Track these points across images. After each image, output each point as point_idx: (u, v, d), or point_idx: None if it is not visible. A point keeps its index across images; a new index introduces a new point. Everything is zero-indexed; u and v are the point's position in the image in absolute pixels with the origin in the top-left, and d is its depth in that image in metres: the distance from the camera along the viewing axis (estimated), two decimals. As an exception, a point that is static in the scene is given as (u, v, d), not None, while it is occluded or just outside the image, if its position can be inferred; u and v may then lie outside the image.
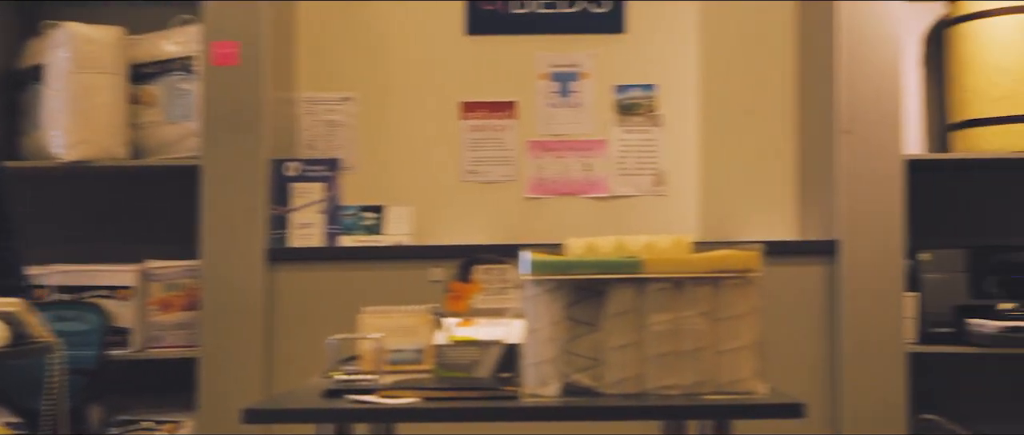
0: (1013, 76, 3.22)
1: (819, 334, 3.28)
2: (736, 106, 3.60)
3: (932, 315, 3.23)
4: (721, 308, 1.91)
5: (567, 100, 3.61)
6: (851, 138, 3.21)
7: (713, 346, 1.91)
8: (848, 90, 3.21)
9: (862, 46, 3.21)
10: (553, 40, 3.61)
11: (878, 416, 3.18)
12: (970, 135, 3.31)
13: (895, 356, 3.18)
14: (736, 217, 3.59)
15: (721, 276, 1.90)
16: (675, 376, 1.91)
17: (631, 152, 3.60)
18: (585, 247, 1.99)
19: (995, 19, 3.24)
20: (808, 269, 3.30)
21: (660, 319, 1.90)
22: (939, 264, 3.27)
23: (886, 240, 3.20)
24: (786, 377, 3.24)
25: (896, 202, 3.20)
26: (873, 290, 3.20)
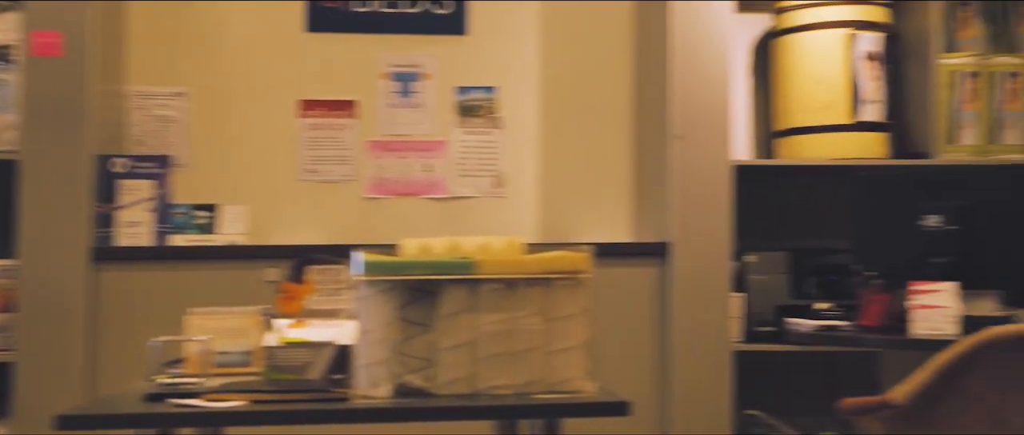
0: (832, 87, 3.38)
1: (651, 333, 3.38)
2: (574, 109, 3.67)
3: (756, 315, 3.36)
4: (552, 309, 1.95)
5: (408, 100, 3.60)
6: (683, 143, 3.31)
7: (544, 346, 1.94)
8: (681, 97, 3.31)
9: (694, 55, 3.32)
10: (395, 40, 3.60)
11: (705, 412, 3.29)
12: (793, 143, 3.46)
13: (722, 354, 3.30)
14: (573, 219, 3.66)
15: (553, 277, 1.93)
16: (507, 376, 1.93)
17: (471, 153, 3.62)
18: (419, 248, 1.99)
19: (816, 33, 3.40)
20: (641, 270, 3.39)
21: (493, 320, 1.92)
22: (763, 266, 3.41)
23: (715, 243, 3.31)
24: (618, 375, 3.32)
25: (724, 206, 3.31)
26: (702, 291, 3.31)
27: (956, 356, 1.84)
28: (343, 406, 1.81)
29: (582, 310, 1.95)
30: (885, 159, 3.40)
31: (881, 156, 3.41)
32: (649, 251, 3.39)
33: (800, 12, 3.44)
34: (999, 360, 1.83)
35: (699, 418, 3.29)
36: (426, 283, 1.89)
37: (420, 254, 1.98)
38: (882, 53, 3.40)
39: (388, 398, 1.85)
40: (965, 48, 3.46)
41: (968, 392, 1.86)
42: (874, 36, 3.39)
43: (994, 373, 1.84)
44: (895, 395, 1.94)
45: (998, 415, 1.86)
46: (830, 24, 3.38)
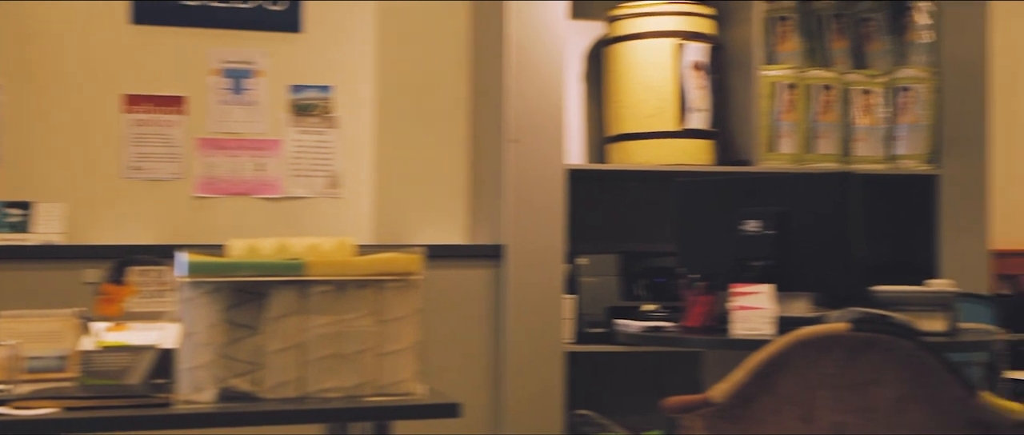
0: (661, 95, 3.49)
1: (485, 335, 3.40)
2: (411, 110, 3.66)
3: (587, 316, 3.43)
4: (383, 310, 1.93)
5: (240, 98, 3.51)
6: (518, 147, 3.35)
7: (375, 348, 1.93)
8: (517, 101, 3.35)
9: (530, 60, 3.36)
10: (226, 35, 3.50)
11: (537, 413, 3.34)
12: (624, 148, 3.55)
13: (554, 355, 3.35)
14: (408, 221, 3.65)
15: (384, 279, 1.92)
16: (337, 379, 1.91)
17: (306, 153, 3.56)
18: (246, 249, 1.94)
19: (646, 41, 3.50)
20: (475, 272, 3.41)
21: (322, 322, 1.89)
22: (595, 268, 3.48)
23: (548, 245, 3.36)
24: (452, 377, 3.33)
25: (558, 209, 3.37)
26: (535, 293, 3.35)
27: (769, 356, 1.93)
28: (163, 412, 1.75)
29: (413, 312, 1.95)
30: (710, 165, 3.53)
31: (706, 162, 3.53)
32: (484, 253, 3.41)
33: (631, 21, 3.53)
34: (809, 360, 1.92)
35: (531, 419, 3.33)
36: (253, 285, 1.85)
37: (247, 255, 1.93)
38: (708, 63, 3.52)
39: (212, 403, 1.80)
40: (784, 61, 3.63)
41: (781, 391, 1.95)
42: (700, 46, 3.51)
43: (804, 372, 1.93)
44: (714, 394, 2.01)
45: (809, 412, 1.95)
46: (659, 34, 3.48)
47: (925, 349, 1.90)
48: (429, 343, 3.29)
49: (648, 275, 3.51)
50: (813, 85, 3.59)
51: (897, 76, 3.65)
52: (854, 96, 3.64)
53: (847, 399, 1.93)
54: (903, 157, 3.63)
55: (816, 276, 2.57)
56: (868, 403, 1.93)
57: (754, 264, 2.57)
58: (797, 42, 3.66)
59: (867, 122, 3.63)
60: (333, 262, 1.90)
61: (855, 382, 1.93)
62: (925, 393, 1.92)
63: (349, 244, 1.94)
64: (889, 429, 1.92)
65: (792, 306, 2.55)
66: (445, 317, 3.37)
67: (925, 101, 3.61)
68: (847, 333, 1.91)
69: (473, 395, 3.35)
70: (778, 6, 3.65)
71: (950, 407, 1.93)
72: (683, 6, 3.52)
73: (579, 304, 3.43)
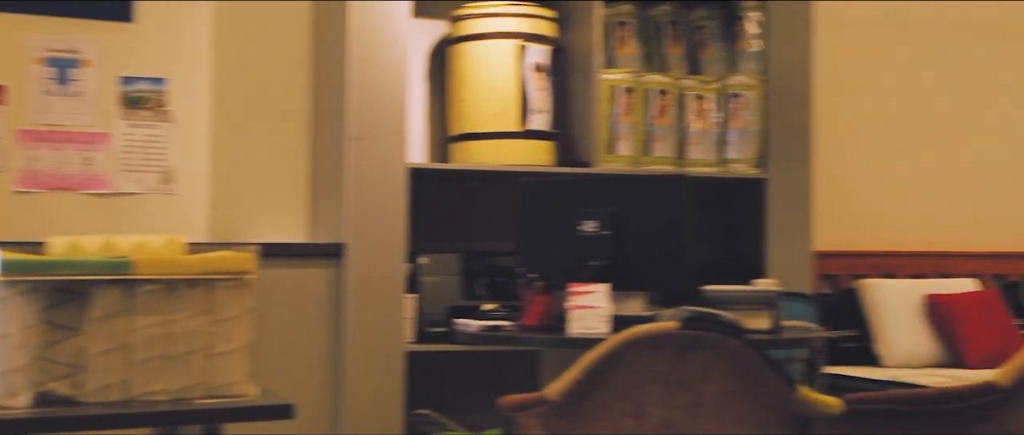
0: (503, 96, 3.51)
1: (325, 334, 3.35)
2: (250, 106, 3.57)
3: (429, 315, 3.42)
4: (214, 310, 1.88)
5: (66, 88, 3.35)
6: (360, 145, 3.31)
7: (206, 349, 1.88)
8: (358, 99, 3.31)
9: (372, 58, 3.32)
10: (50, 22, 3.33)
11: (377, 412, 3.31)
12: (466, 148, 3.56)
13: (395, 355, 3.33)
14: (247, 219, 3.56)
15: (215, 278, 1.87)
16: (164, 381, 1.85)
17: (137, 147, 3.42)
18: (68, 246, 1.86)
19: (489, 42, 3.52)
20: (316, 271, 3.35)
21: (149, 322, 1.83)
22: (436, 267, 3.48)
23: (389, 244, 3.33)
24: (292, 377, 3.27)
25: (399, 208, 3.35)
26: (376, 292, 3.32)
27: (602, 354, 1.97)
28: (-27, 419, 1.65)
29: (246, 311, 1.90)
30: (550, 166, 3.58)
31: (547, 163, 3.58)
32: (324, 252, 3.36)
33: (474, 21, 3.55)
34: (640, 357, 1.97)
35: (371, 418, 3.31)
36: (75, 284, 1.77)
37: (68, 253, 1.85)
38: (549, 65, 3.57)
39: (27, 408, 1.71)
40: (623, 65, 3.71)
41: (613, 388, 1.99)
42: (542, 49, 3.56)
43: (636, 369, 1.98)
44: (549, 392, 2.04)
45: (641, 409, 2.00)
46: (501, 35, 3.51)
47: (749, 346, 1.98)
48: (268, 343, 3.24)
49: (490, 274, 3.53)
50: (650, 89, 3.69)
51: (729, 83, 3.79)
52: (688, 101, 3.76)
53: (676, 395, 1.99)
54: (733, 161, 3.77)
55: (651, 275, 2.63)
56: (696, 400, 1.99)
57: (591, 264, 2.61)
58: (635, 47, 3.75)
59: (700, 126, 3.75)
60: (161, 260, 1.83)
61: (684, 379, 1.98)
62: (748, 389, 2.00)
63: (179, 242, 1.88)
64: (714, 424, 1.99)
65: (627, 305, 2.61)
66: (284, 317, 3.31)
67: (755, 107, 3.76)
68: (677, 331, 1.96)
69: (312, 395, 3.30)
70: (617, 11, 3.73)
71: (771, 402, 2.01)
72: (525, 8, 3.55)
73: (420, 303, 3.41)
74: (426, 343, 3.39)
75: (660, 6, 3.83)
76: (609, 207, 2.63)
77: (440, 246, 3.55)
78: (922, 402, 2.17)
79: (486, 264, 3.52)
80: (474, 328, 2.69)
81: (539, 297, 2.62)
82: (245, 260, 1.89)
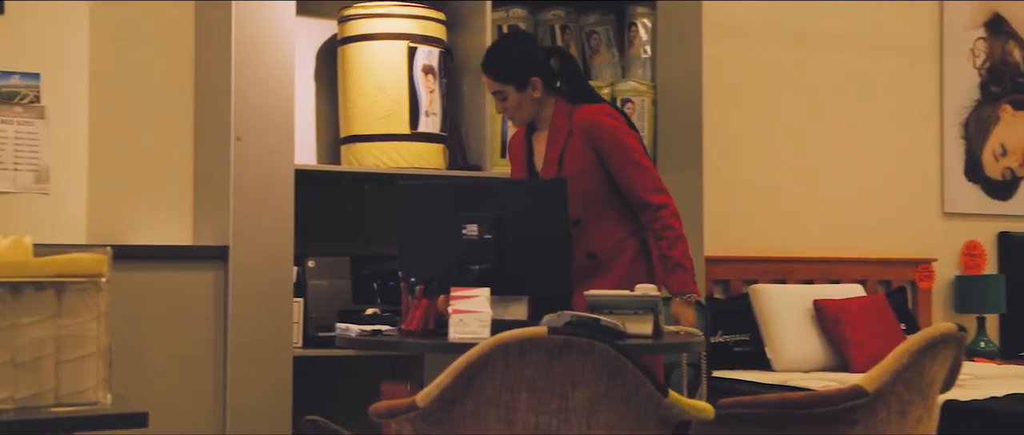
0: (392, 97, 3.47)
1: (210, 339, 3.27)
2: (130, 104, 3.47)
3: (317, 319, 3.36)
4: (65, 315, 1.81)
5: (-68, 82, 3.21)
6: (242, 145, 3.24)
7: (55, 355, 1.80)
8: (241, 99, 3.23)
9: (256, 57, 3.25)
10: (-87, 13, 3.20)
11: (264, 418, 3.24)
12: (357, 150, 3.51)
13: (282, 359, 3.26)
14: (129, 219, 3.46)
15: (65, 280, 1.80)
16: (10, 389, 1.77)
17: (8, 145, 3.30)
18: (-95, 247, 1.76)
19: (377, 43, 3.47)
20: (199, 274, 3.27)
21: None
22: (325, 271, 3.42)
23: (276, 246, 3.27)
24: (176, 382, 3.19)
25: (286, 210, 3.28)
26: (262, 295, 3.25)
27: (470, 360, 1.94)
28: None
29: (99, 316, 1.83)
30: (442, 169, 3.55)
31: (439, 167, 3.55)
32: (208, 254, 3.28)
33: (362, 21, 3.50)
34: (509, 362, 1.95)
35: (258, 425, 3.23)
36: (-90, 287, 1.68)
37: (-95, 254, 1.75)
38: (438, 68, 3.54)
39: None
40: (516, 69, 3.69)
41: (483, 393, 1.96)
42: (431, 50, 3.52)
43: (506, 375, 1.96)
44: (419, 398, 2.01)
45: (511, 414, 1.98)
46: (390, 36, 3.47)
47: (618, 351, 1.97)
48: (151, 348, 3.15)
49: (380, 278, 3.49)
50: (543, 93, 3.67)
51: (620, 88, 3.80)
52: (581, 105, 3.75)
53: (546, 401, 1.97)
54: (625, 166, 3.77)
55: (533, 280, 2.62)
56: (565, 404, 1.97)
57: (473, 268, 2.59)
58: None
59: (592, 131, 3.75)
60: (5, 263, 1.75)
61: (553, 384, 1.97)
62: (619, 393, 1.99)
63: (25, 243, 1.80)
64: (584, 429, 1.97)
65: (509, 309, 2.59)
66: (167, 320, 3.22)
67: (645, 113, 3.78)
68: (545, 337, 1.94)
69: (198, 401, 3.22)
70: (508, 15, 3.72)
71: (642, 407, 2.01)
72: (413, 9, 3.52)
73: (308, 307, 3.35)
74: (314, 348, 3.33)
75: (552, 10, 3.83)
76: (492, 211, 2.60)
77: (331, 249, 3.50)
78: (791, 406, 2.19)
79: (377, 268, 3.47)
80: (354, 333, 2.64)
81: (420, 301, 2.58)
82: (98, 262, 1.81)
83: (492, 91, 2.87)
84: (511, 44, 2.93)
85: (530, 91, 2.83)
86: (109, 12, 3.43)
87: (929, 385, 2.26)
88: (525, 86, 2.83)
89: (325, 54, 3.69)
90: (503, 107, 2.87)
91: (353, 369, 3.65)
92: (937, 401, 2.35)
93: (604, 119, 2.82)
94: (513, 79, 2.82)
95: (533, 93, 2.83)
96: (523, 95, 2.83)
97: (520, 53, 2.85)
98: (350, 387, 3.64)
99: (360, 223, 3.72)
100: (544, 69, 2.86)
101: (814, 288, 4.33)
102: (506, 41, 3.02)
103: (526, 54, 2.85)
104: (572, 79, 2.90)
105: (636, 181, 2.82)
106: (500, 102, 2.87)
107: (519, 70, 2.82)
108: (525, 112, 2.85)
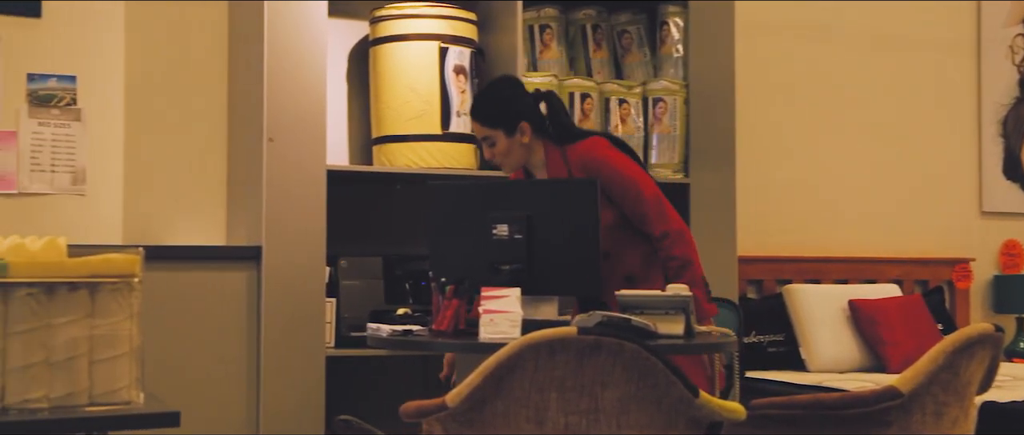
0: (423, 98, 3.47)
1: (243, 338, 3.29)
2: (165, 105, 3.50)
3: (349, 319, 3.37)
4: (98, 315, 1.82)
5: (-30, 85, 3.26)
6: (276, 146, 3.26)
7: (88, 355, 1.82)
8: (273, 100, 3.25)
9: (289, 58, 3.27)
10: (-46, 17, 3.25)
11: (297, 418, 3.25)
12: (388, 150, 3.52)
13: (314, 359, 3.28)
14: (162, 220, 3.49)
15: (98, 281, 1.81)
16: (43, 388, 1.78)
17: (46, 146, 3.34)
18: (-58, 248, 1.79)
19: (409, 44, 3.48)
20: (233, 275, 3.29)
21: (27, 327, 1.76)
22: (357, 270, 3.43)
23: (308, 247, 3.28)
24: (210, 382, 3.21)
25: (318, 210, 3.30)
26: (295, 295, 3.27)
27: (500, 360, 1.93)
28: None
29: (132, 315, 1.84)
30: (472, 169, 3.55)
31: (470, 167, 3.55)
32: (241, 255, 3.30)
33: (394, 22, 3.50)
34: (539, 363, 1.94)
35: (291, 424, 3.25)
36: (-53, 287, 1.70)
37: (-58, 255, 1.78)
38: (469, 68, 3.54)
39: None
40: (546, 68, 3.69)
41: (513, 394, 1.96)
42: (462, 51, 3.52)
43: (536, 375, 1.95)
44: (449, 398, 2.01)
45: (541, 415, 1.97)
46: (421, 36, 3.47)
47: (650, 352, 1.96)
48: (185, 348, 3.18)
49: (412, 278, 3.49)
50: (573, 93, 3.67)
51: (652, 87, 3.79)
52: (611, 105, 3.75)
53: (575, 401, 1.96)
54: (656, 166, 3.76)
55: (563, 279, 2.61)
56: (595, 404, 1.96)
57: (503, 268, 2.59)
58: (558, 51, 3.74)
59: (623, 131, 3.74)
60: (40, 263, 1.77)
61: (583, 384, 1.96)
62: (649, 394, 1.98)
63: (60, 244, 1.82)
64: (614, 429, 1.96)
65: (540, 309, 2.59)
66: (200, 321, 3.24)
67: (677, 112, 3.76)
68: (574, 337, 1.94)
69: (231, 400, 3.24)
70: (540, 14, 3.71)
71: (673, 406, 1.99)
72: (444, 9, 3.52)
73: (341, 307, 3.36)
74: (347, 348, 3.34)
75: (583, 10, 3.82)
76: (522, 211, 2.60)
77: (363, 249, 3.51)
78: (824, 407, 2.16)
79: (410, 268, 3.47)
80: (385, 333, 2.64)
81: (451, 301, 2.58)
82: (131, 263, 1.83)
83: (480, 137, 2.85)
84: (499, 89, 2.91)
85: (519, 136, 2.82)
86: (143, 13, 3.46)
87: (966, 386, 2.23)
88: (514, 131, 2.82)
89: (357, 55, 3.70)
90: (492, 153, 2.85)
91: (386, 369, 3.65)
92: (974, 402, 2.31)
93: (598, 154, 2.81)
94: (502, 124, 2.81)
95: (522, 138, 2.82)
96: (512, 140, 2.82)
97: (508, 97, 2.85)
98: (383, 387, 3.65)
99: (392, 223, 3.73)
100: (532, 113, 2.85)
101: (849, 288, 4.29)
102: (494, 86, 2.99)
103: (514, 98, 2.84)
104: (559, 121, 2.88)
105: (638, 215, 2.81)
106: (489, 148, 2.85)
107: (507, 114, 2.81)
108: (515, 157, 2.84)
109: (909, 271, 4.61)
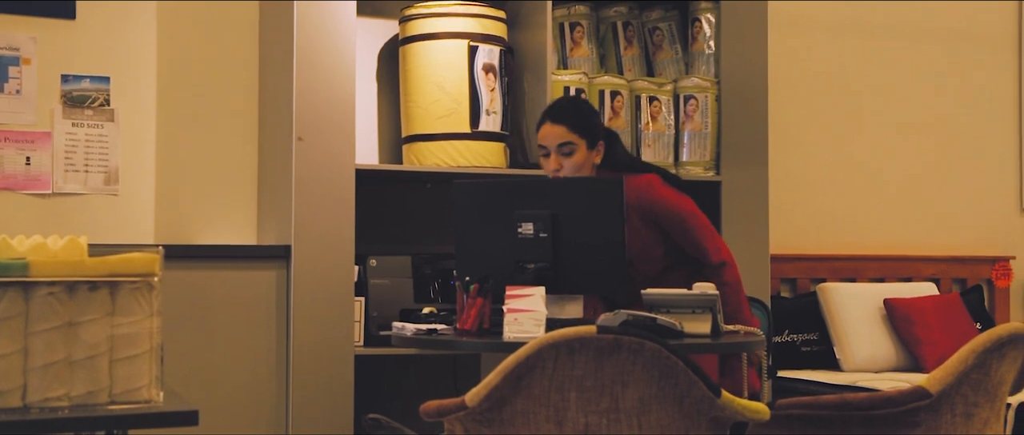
0: (453, 96, 3.47)
1: (272, 337, 3.31)
2: (196, 106, 3.53)
3: (378, 318, 3.38)
4: (119, 314, 1.84)
5: (5, 86, 3.30)
6: (304, 145, 3.27)
7: (109, 354, 1.83)
8: (303, 99, 3.27)
9: (318, 57, 3.28)
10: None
11: (326, 417, 3.27)
12: (418, 149, 3.52)
13: (344, 358, 3.29)
14: (193, 220, 3.52)
15: (119, 280, 1.83)
16: (65, 387, 1.80)
17: (80, 147, 3.38)
18: (-33, 247, 1.81)
19: (438, 42, 3.47)
20: (262, 274, 3.31)
21: (48, 326, 1.78)
22: (386, 270, 3.43)
23: (337, 246, 3.29)
24: (239, 381, 3.23)
25: (348, 209, 3.30)
26: (324, 294, 3.28)
27: (520, 359, 1.92)
28: None
29: (152, 314, 1.86)
30: (502, 168, 3.54)
31: (499, 165, 3.54)
32: (270, 254, 3.32)
33: (423, 21, 3.50)
34: (558, 362, 1.93)
35: (320, 423, 3.26)
36: (-30, 286, 1.72)
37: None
38: (499, 66, 3.53)
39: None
40: (576, 66, 3.67)
41: (532, 393, 1.95)
42: (491, 49, 3.51)
43: (555, 374, 1.94)
44: (469, 397, 2.00)
45: (561, 414, 1.96)
46: (450, 35, 3.47)
47: (671, 351, 1.93)
48: (214, 346, 3.20)
49: (441, 277, 3.49)
50: (603, 91, 3.65)
51: (683, 84, 3.75)
52: (642, 103, 3.72)
53: (595, 400, 1.95)
54: (687, 164, 3.73)
55: (590, 279, 2.60)
56: (615, 404, 1.95)
57: (528, 267, 2.57)
58: (588, 48, 3.72)
59: (654, 129, 3.71)
60: (62, 262, 1.79)
61: (602, 383, 1.94)
62: (670, 393, 1.96)
63: (80, 243, 1.83)
64: (635, 429, 1.94)
65: (565, 309, 2.58)
66: (230, 319, 3.27)
67: (709, 110, 3.73)
68: (594, 336, 1.92)
69: (260, 399, 3.26)
70: (570, 12, 3.69)
71: (694, 407, 1.97)
72: (474, 8, 3.51)
73: (370, 306, 3.37)
74: (376, 347, 3.35)
75: (614, 7, 3.79)
76: (547, 209, 2.59)
77: (393, 248, 3.51)
78: (851, 407, 2.13)
79: (439, 267, 3.47)
80: (409, 331, 2.64)
81: (475, 300, 2.58)
82: (150, 262, 1.84)
83: (557, 142, 2.79)
84: (587, 104, 2.99)
85: (594, 153, 2.83)
86: (175, 13, 3.49)
87: (997, 387, 2.18)
88: (595, 145, 2.83)
89: (386, 54, 3.71)
90: (563, 162, 2.78)
91: (415, 368, 3.66)
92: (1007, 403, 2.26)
93: (656, 195, 2.83)
94: (589, 135, 2.82)
95: (595, 157, 2.84)
96: (590, 154, 2.83)
97: (596, 113, 2.91)
98: (412, 386, 3.66)
99: (421, 222, 3.73)
100: (608, 137, 2.88)
101: (885, 287, 4.23)
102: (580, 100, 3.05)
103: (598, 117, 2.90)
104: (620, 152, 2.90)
105: (696, 246, 2.86)
106: (563, 157, 2.78)
107: (596, 128, 2.85)
108: (584, 173, 2.82)
109: (947, 269, 4.53)
